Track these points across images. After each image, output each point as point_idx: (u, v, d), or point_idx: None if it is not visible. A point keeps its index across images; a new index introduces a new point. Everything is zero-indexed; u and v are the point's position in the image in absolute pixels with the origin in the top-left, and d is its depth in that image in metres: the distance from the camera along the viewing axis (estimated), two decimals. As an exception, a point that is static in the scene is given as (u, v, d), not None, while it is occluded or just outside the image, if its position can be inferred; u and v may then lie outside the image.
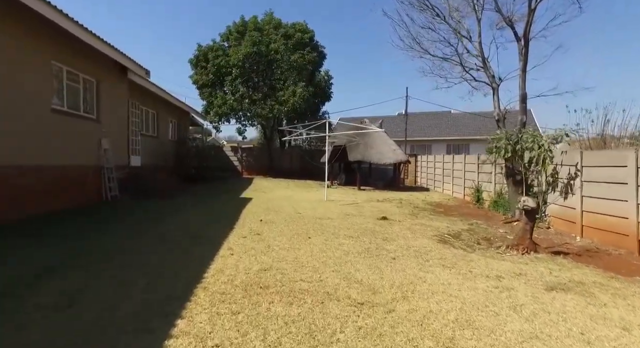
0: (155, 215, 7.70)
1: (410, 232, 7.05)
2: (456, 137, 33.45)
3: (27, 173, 6.60)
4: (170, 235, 5.79)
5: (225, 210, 8.79)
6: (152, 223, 6.79)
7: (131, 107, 11.82)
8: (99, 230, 6.09)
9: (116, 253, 4.72)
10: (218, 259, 4.48)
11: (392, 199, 13.32)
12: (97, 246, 5.04)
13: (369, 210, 10.00)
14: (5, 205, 6.08)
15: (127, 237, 5.64)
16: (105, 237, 5.59)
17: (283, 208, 9.58)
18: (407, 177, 22.07)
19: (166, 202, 9.84)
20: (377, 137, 17.60)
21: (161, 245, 5.19)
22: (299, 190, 15.43)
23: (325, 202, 11.42)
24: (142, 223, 6.80)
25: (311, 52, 20.30)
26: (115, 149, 10.00)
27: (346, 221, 7.99)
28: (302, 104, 18.79)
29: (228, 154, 23.72)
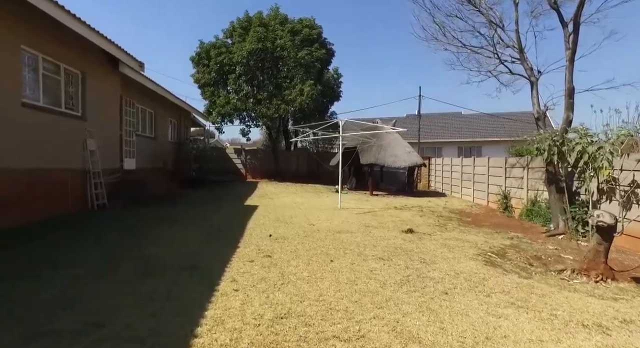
0: (144, 230, 6.45)
1: (447, 250, 5.91)
2: (468, 138, 32.23)
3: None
4: (158, 262, 4.51)
5: (228, 222, 7.66)
6: (138, 243, 5.54)
7: (125, 104, 10.77)
8: (65, 257, 4.59)
9: (68, 305, 3.10)
10: (217, 300, 3.33)
11: (411, 206, 12.17)
12: (46, 287, 3.48)
13: (390, 221, 8.87)
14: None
15: (98, 270, 4.09)
16: (70, 269, 4.08)
17: (294, 218, 8.45)
18: (419, 181, 20.89)
19: (161, 210, 8.73)
20: (391, 138, 16.46)
21: (142, 281, 3.75)
22: (308, 195, 14.31)
23: (339, 211, 10.29)
24: (125, 243, 5.52)
25: (319, 49, 19.22)
26: (105, 151, 8.93)
27: (369, 235, 6.85)
28: (310, 103, 17.69)
29: (231, 156, 22.64)
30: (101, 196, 8.19)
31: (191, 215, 8.23)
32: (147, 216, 7.80)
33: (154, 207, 9.01)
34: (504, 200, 11.46)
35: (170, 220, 7.39)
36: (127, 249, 5.16)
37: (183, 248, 5.28)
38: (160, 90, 12.32)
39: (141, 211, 8.38)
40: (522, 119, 30.08)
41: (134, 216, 7.75)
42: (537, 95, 8.46)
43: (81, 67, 7.85)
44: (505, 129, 32.02)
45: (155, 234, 6.11)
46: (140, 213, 8.13)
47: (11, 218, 5.85)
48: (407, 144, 17.15)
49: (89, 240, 5.68)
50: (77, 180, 7.67)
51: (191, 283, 3.81)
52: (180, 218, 7.73)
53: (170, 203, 9.97)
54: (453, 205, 13.17)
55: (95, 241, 5.60)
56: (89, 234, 6.11)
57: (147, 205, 9.07)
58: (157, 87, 11.94)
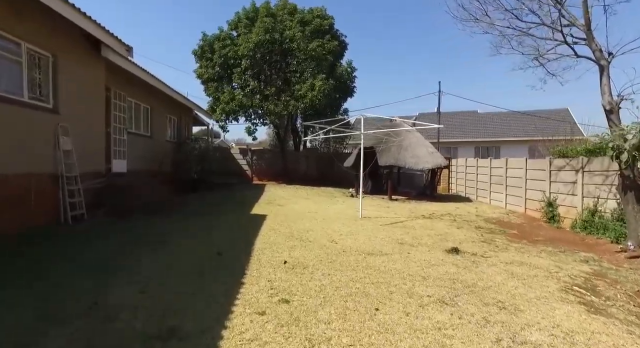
0: (116, 261, 4.68)
1: (520, 283, 4.44)
2: (485, 138, 30.52)
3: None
4: (115, 328, 2.84)
5: (231, 240, 6.19)
6: (99, 284, 3.81)
7: (114, 97, 9.39)
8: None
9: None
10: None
11: (440, 214, 10.66)
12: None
13: (425, 235, 7.39)
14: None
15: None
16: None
17: (310, 233, 6.98)
18: (439, 183, 19.30)
19: (150, 224, 7.26)
20: (411, 137, 14.96)
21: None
22: (321, 201, 12.83)
23: (362, 221, 8.81)
24: (77, 286, 3.71)
25: (331, 41, 17.72)
26: (86, 151, 7.55)
27: (409, 259, 5.37)
28: (322, 99, 16.20)
29: (236, 156, 21.23)
30: (78, 205, 6.78)
31: (185, 231, 6.73)
32: (129, 233, 6.31)
33: (143, 219, 7.57)
34: (549, 209, 9.91)
35: (157, 241, 5.86)
36: (75, 300, 3.36)
37: (163, 293, 3.63)
38: (155, 82, 10.93)
39: (124, 226, 6.90)
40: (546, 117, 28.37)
41: (111, 234, 6.24)
42: (607, 82, 6.94)
43: (51, 48, 6.43)
44: (525, 128, 30.32)
45: (130, 267, 4.43)
46: (122, 228, 6.63)
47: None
48: (429, 143, 15.63)
49: (20, 278, 3.92)
50: (46, 187, 6.25)
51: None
52: (171, 237, 6.18)
53: (164, 212, 8.53)
54: (485, 212, 11.63)
55: (31, 280, 3.84)
56: (30, 267, 4.30)
57: (134, 216, 7.63)
58: (152, 79, 10.54)
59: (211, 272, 4.31)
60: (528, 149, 28.70)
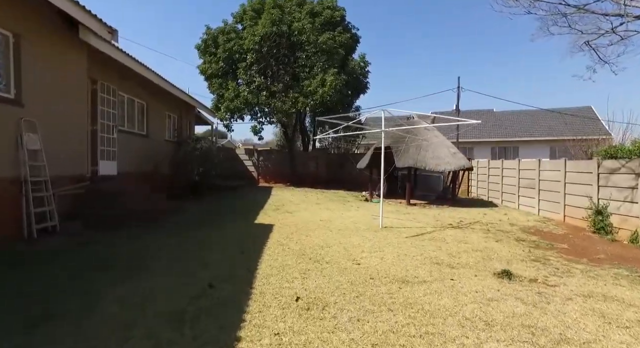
0: (65, 304, 3.37)
1: (629, 336, 3.19)
2: (502, 138, 29.00)
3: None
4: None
5: (229, 263, 4.98)
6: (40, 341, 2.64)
7: (101, 91, 8.30)
8: None
9: None
10: None
11: (468, 223, 9.42)
12: None
13: (462, 250, 6.17)
14: None
15: None
16: None
17: (326, 250, 5.79)
18: (460, 187, 17.95)
19: (134, 238, 6.07)
20: (432, 137, 13.70)
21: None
22: (334, 206, 11.63)
23: (384, 232, 7.60)
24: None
25: (343, 33, 16.54)
26: (63, 151, 6.47)
27: (458, 291, 4.15)
28: (334, 95, 15.00)
29: (242, 157, 20.12)
30: (49, 216, 5.68)
31: (173, 250, 5.47)
32: (100, 254, 5.09)
33: (127, 232, 6.41)
34: (598, 218, 8.59)
35: (134, 265, 4.62)
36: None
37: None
38: (151, 75, 9.83)
39: (100, 242, 5.70)
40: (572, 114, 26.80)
41: (78, 254, 5.04)
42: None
43: (11, 25, 5.31)
44: (545, 127, 28.78)
45: (70, 318, 3.09)
46: (94, 246, 5.42)
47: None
48: (450, 143, 14.35)
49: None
50: (3, 194, 5.15)
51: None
52: (153, 260, 4.87)
53: (153, 223, 7.36)
54: (518, 220, 10.32)
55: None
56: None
57: (117, 229, 6.46)
58: (146, 71, 9.43)
59: (194, 320, 3.09)
60: (549, 149, 27.22)
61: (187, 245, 5.69)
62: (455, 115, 21.26)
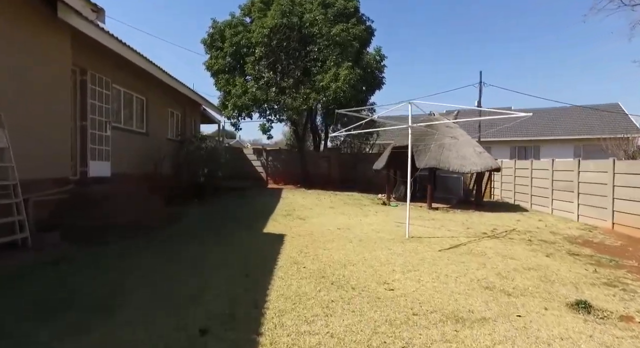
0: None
1: None
2: (521, 137, 27.60)
3: None
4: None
5: (230, 292, 3.85)
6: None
7: (93, 83, 7.40)
8: None
9: None
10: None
11: (502, 230, 8.36)
12: None
13: (511, 268, 5.13)
14: None
15: None
16: None
17: (351, 270, 4.76)
18: (474, 188, 16.76)
19: (118, 255, 5.01)
20: (455, 135, 12.59)
21: None
22: (350, 211, 10.59)
23: (412, 243, 6.56)
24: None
25: (357, 25, 15.51)
26: (40, 150, 5.56)
27: (529, 335, 3.12)
28: (348, 91, 13.95)
29: (250, 157, 19.19)
30: (19, 227, 4.76)
31: (158, 276, 4.20)
32: (67, 281, 3.90)
33: (111, 247, 5.41)
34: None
35: (101, 303, 3.35)
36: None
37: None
38: (150, 67, 8.92)
39: (74, 260, 4.62)
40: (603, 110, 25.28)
41: (35, 282, 3.84)
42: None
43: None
44: (569, 125, 27.32)
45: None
46: (66, 267, 4.36)
47: None
48: (475, 142, 13.24)
49: None
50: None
51: None
52: (131, 293, 3.63)
53: (148, 232, 6.42)
54: (558, 228, 9.18)
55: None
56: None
57: (101, 242, 5.47)
58: (144, 62, 8.52)
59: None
60: (573, 148, 25.80)
61: (179, 266, 4.66)
62: (476, 113, 20.10)
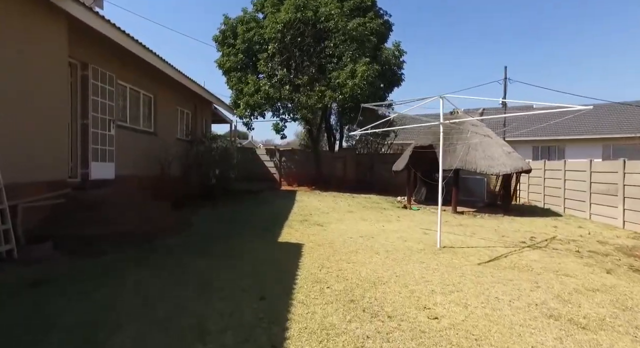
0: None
1: None
2: (544, 136, 26.36)
3: None
4: None
5: (241, 328, 3.10)
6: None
7: (95, 78, 6.86)
8: None
9: None
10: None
11: (542, 239, 7.52)
12: None
13: (571, 289, 4.35)
14: None
15: None
16: None
17: (383, 290, 4.04)
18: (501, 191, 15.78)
19: (112, 272, 4.33)
20: (482, 134, 11.75)
21: None
22: (371, 216, 9.85)
23: (446, 255, 5.80)
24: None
25: (374, 19, 14.78)
26: (32, 150, 5.02)
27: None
28: (366, 88, 13.22)
29: (263, 158, 18.62)
30: (4, 237, 4.19)
31: (153, 302, 3.46)
32: (41, 309, 3.17)
33: (105, 260, 4.74)
34: None
35: (80, 340, 2.68)
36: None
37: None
38: (157, 62, 8.36)
39: (58, 280, 3.88)
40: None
41: (10, 305, 3.26)
42: None
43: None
44: (596, 124, 25.98)
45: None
46: (46, 288, 3.67)
47: None
48: (504, 141, 12.37)
49: None
50: None
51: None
52: (119, 325, 2.89)
53: (149, 243, 5.77)
54: (603, 236, 8.28)
55: None
56: None
57: (96, 254, 4.80)
58: (151, 55, 7.96)
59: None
60: (602, 148, 24.50)
61: (183, 285, 3.99)
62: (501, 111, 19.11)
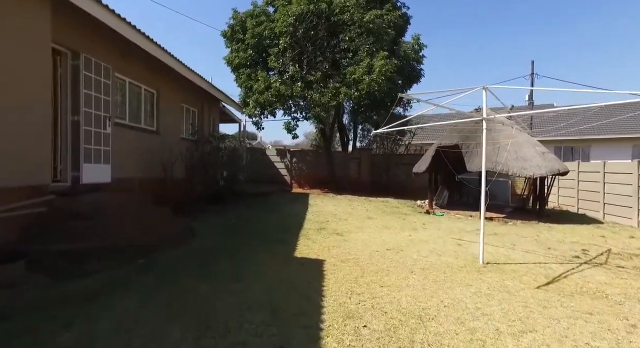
0: None
1: None
2: (568, 136, 25.08)
3: None
4: None
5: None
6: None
7: (88, 69, 6.08)
8: None
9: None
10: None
11: (596, 252, 6.51)
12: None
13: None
14: None
15: None
16: None
17: (436, 331, 3.13)
18: (523, 193, 14.68)
19: (92, 300, 3.47)
20: (513, 134, 10.74)
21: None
22: (393, 222, 8.94)
23: (493, 274, 4.88)
24: None
25: (392, 11, 13.86)
26: (4, 150, 4.23)
27: None
28: (384, 84, 12.30)
29: (273, 159, 17.80)
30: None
31: (136, 341, 2.70)
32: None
33: (89, 282, 3.91)
34: None
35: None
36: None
37: None
38: (161, 53, 7.58)
39: (12, 319, 3.01)
40: None
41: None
42: None
43: None
44: (621, 123, 24.63)
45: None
46: (5, 324, 2.93)
47: None
48: (536, 141, 11.34)
49: None
50: None
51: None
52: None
53: (142, 261, 4.84)
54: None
55: None
56: None
57: (79, 275, 3.99)
58: (153, 45, 7.18)
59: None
60: (632, 148, 23.20)
61: (172, 326, 3.10)
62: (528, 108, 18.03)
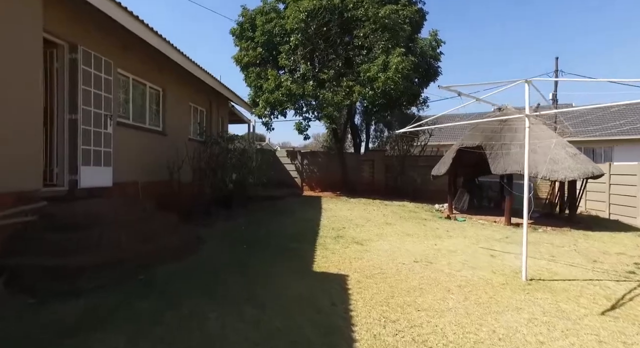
0: None
1: None
2: (588, 137, 24.08)
3: None
4: None
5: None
6: None
7: (87, 64, 5.60)
8: None
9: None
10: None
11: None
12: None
13: None
14: None
15: None
16: None
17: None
18: (549, 197, 13.89)
19: (72, 331, 2.92)
20: (542, 134, 10.05)
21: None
22: (414, 229, 8.30)
23: (543, 294, 4.24)
24: None
25: (408, 6, 13.24)
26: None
27: None
28: (401, 82, 11.68)
29: (283, 161, 17.26)
30: None
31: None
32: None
33: (75, 305, 3.37)
34: None
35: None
36: None
37: None
38: (167, 48, 7.08)
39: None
40: None
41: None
42: None
43: None
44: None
45: None
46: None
47: None
48: (566, 142, 10.61)
49: None
50: None
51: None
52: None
53: (141, 277, 4.27)
54: None
55: None
56: None
57: (66, 295, 3.39)
58: (158, 39, 6.68)
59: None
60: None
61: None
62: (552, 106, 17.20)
